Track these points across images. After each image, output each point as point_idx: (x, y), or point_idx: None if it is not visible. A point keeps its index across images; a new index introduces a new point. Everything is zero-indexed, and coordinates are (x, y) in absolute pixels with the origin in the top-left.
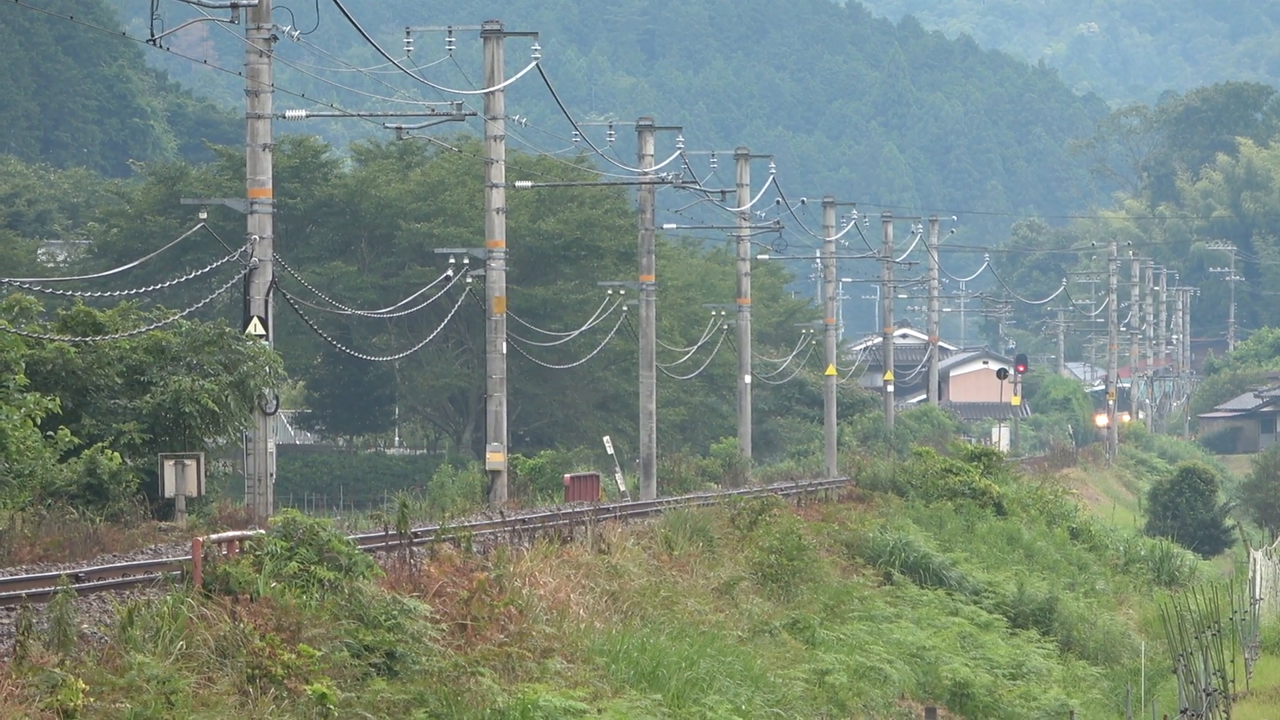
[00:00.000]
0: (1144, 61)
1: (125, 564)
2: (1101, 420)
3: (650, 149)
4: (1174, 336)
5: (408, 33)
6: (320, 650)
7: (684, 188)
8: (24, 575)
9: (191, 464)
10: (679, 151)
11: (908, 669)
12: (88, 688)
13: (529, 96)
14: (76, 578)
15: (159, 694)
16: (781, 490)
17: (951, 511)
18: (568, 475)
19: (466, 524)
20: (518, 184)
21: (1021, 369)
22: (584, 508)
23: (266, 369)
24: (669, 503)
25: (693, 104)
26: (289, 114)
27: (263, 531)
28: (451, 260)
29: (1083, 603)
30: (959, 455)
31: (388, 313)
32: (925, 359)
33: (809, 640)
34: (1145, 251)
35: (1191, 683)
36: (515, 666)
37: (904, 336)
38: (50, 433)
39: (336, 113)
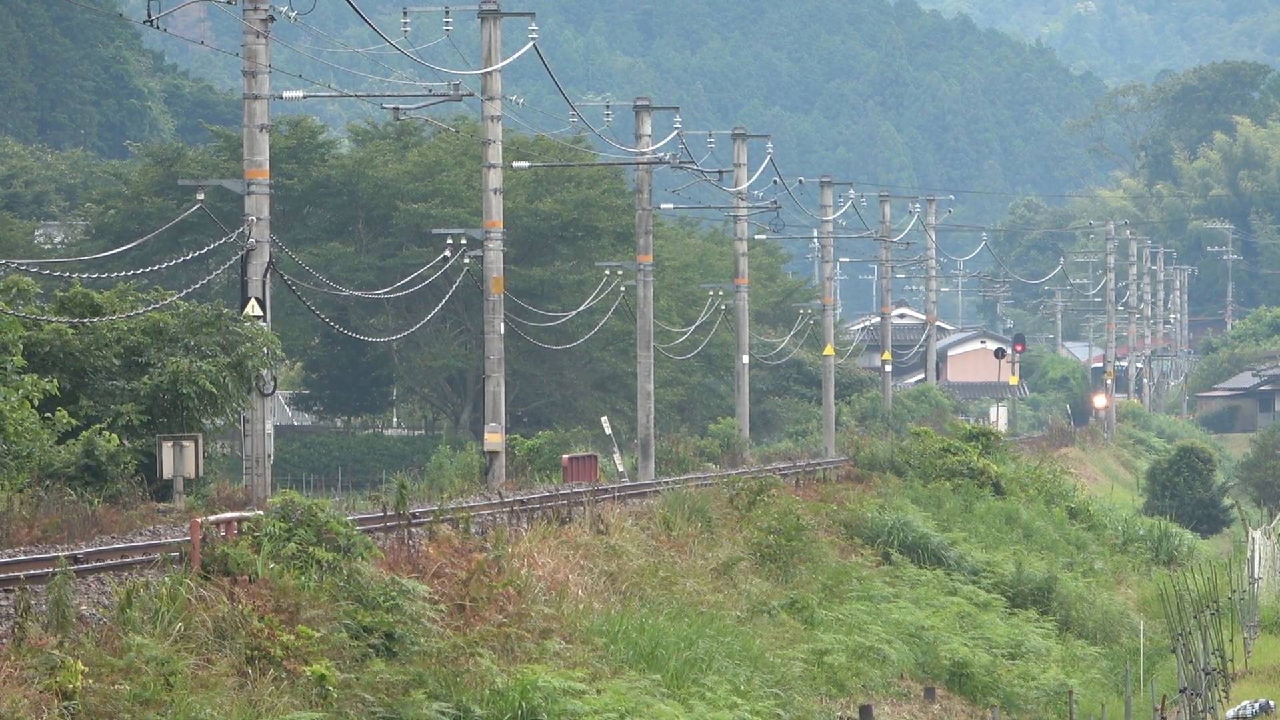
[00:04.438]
0: (1141, 40)
1: (123, 545)
2: (1099, 401)
3: (647, 129)
4: (1172, 316)
5: (405, 13)
6: (319, 631)
7: (681, 168)
8: (22, 557)
9: (189, 445)
10: (676, 131)
11: (906, 649)
12: (86, 669)
13: (526, 77)
14: (75, 559)
15: (158, 675)
16: (779, 470)
17: (950, 491)
18: (566, 456)
19: (465, 505)
20: (515, 164)
21: (1019, 348)
22: (582, 488)
23: (264, 350)
24: (667, 483)
25: (690, 84)
26: (286, 95)
27: (261, 513)
28: (449, 241)
29: (1081, 582)
30: (957, 435)
31: (385, 293)
32: (923, 339)
33: (807, 620)
34: (1143, 231)
35: (1190, 662)
36: (514, 647)
37: (902, 316)
38: (48, 414)
39: (334, 93)
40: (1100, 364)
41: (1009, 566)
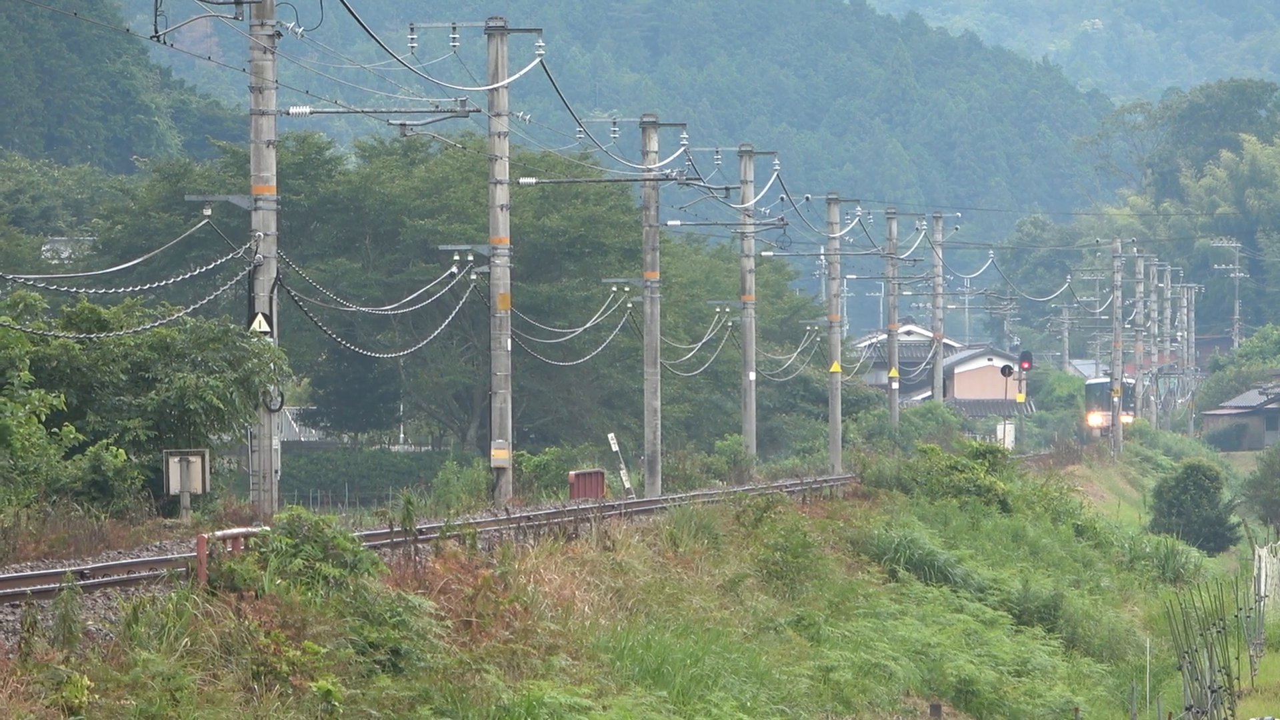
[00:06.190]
0: (1148, 58)
1: (130, 561)
2: (1095, 419)
3: (654, 146)
4: (1179, 333)
5: (412, 29)
6: (325, 647)
7: (688, 184)
8: (29, 572)
9: (196, 461)
10: (683, 148)
11: (913, 666)
12: (93, 684)
13: (533, 93)
14: (81, 574)
15: (164, 691)
16: (786, 487)
17: (956, 508)
18: (572, 472)
19: (471, 521)
20: (522, 181)
21: (1026, 366)
22: (589, 505)
23: (271, 366)
24: (674, 500)
25: (697, 100)
26: (293, 110)
27: (267, 528)
28: (456, 257)
29: (1088, 600)
30: (964, 452)
31: (392, 309)
32: (930, 356)
33: (814, 637)
34: (1149, 248)
35: (1196, 680)
36: (520, 663)
37: (908, 333)
38: (55, 430)
39: (341, 109)
40: (1095, 381)
41: (1015, 584)
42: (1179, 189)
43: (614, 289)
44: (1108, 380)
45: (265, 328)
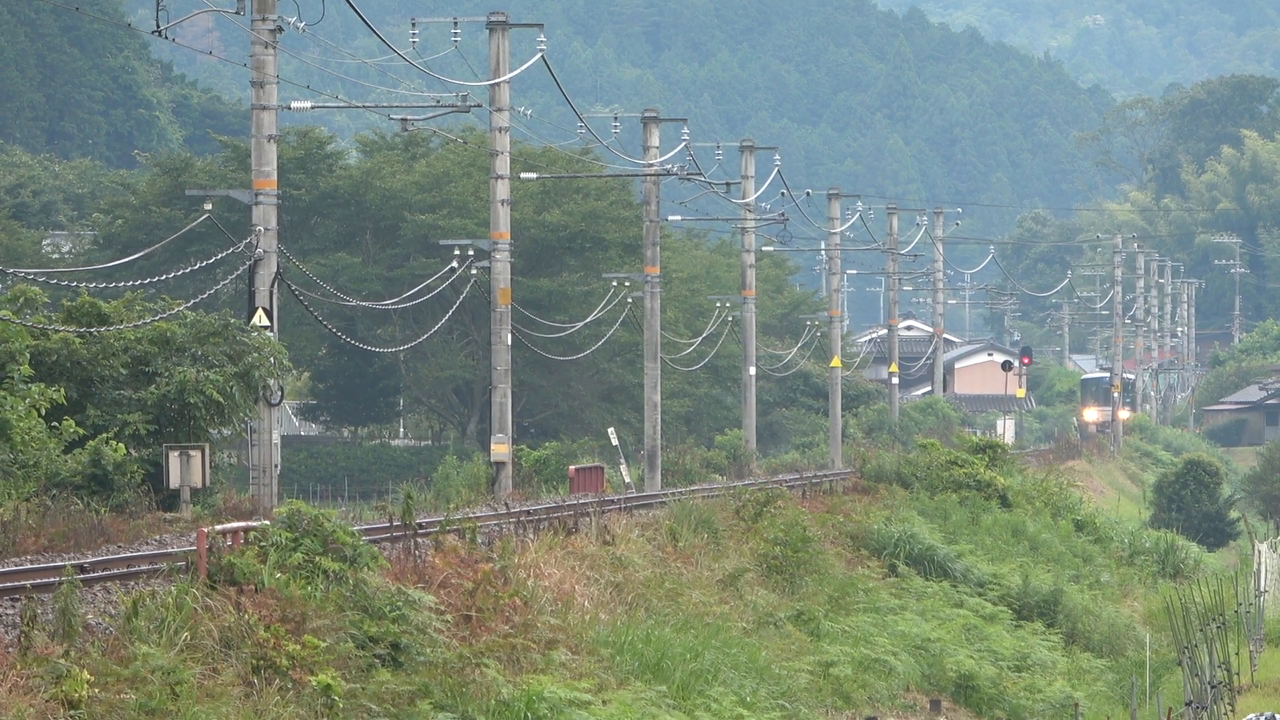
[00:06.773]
0: (1149, 54)
1: (130, 555)
2: (1090, 415)
3: (655, 141)
4: (1179, 329)
5: (413, 24)
6: (325, 641)
7: (689, 179)
8: (29, 566)
9: (196, 455)
10: (684, 143)
11: (912, 661)
12: (92, 678)
13: (534, 88)
14: (81, 568)
15: (164, 685)
16: (786, 482)
17: (956, 504)
18: (572, 467)
19: (471, 515)
20: (523, 175)
21: (1026, 361)
22: (589, 499)
23: (271, 360)
24: (674, 494)
25: (698, 96)
26: (294, 105)
27: (267, 522)
28: (456, 252)
29: (1087, 595)
30: (964, 447)
31: (393, 304)
32: (930, 351)
33: (814, 632)
34: (1150, 244)
35: (1196, 675)
36: (520, 658)
37: (909, 329)
38: (55, 423)
39: (342, 104)
40: (1091, 376)
41: (1015, 579)
42: (1180, 184)
43: (614, 284)
44: (1104, 375)
45: (265, 322)
